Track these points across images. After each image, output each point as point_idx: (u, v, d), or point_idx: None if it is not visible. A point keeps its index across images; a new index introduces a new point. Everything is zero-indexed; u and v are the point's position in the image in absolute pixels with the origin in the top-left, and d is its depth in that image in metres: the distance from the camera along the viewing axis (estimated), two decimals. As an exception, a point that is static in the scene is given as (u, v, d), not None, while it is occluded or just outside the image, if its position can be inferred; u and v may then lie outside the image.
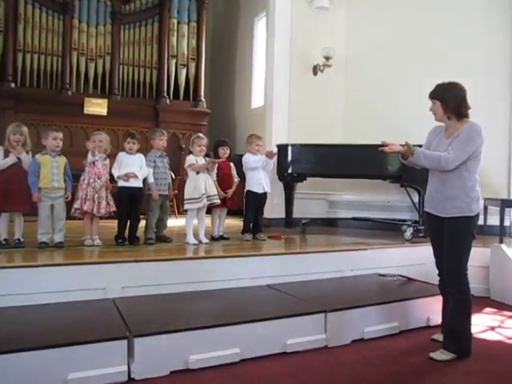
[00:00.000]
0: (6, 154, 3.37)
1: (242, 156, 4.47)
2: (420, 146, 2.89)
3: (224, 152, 4.30)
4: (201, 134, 4.22)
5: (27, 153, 3.47)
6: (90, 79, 7.09)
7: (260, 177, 4.28)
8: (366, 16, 6.01)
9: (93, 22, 7.11)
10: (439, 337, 2.86)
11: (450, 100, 2.67)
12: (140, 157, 3.86)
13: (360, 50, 6.00)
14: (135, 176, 3.70)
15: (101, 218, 3.69)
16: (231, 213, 4.58)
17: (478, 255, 3.53)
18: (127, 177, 3.66)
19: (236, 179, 4.36)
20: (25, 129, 3.48)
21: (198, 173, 3.93)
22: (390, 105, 5.70)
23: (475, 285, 3.10)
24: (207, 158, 4.10)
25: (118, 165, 3.73)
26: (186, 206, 3.95)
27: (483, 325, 3.32)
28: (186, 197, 3.94)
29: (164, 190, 3.97)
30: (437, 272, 2.86)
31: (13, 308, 2.64)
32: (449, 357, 2.61)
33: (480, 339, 2.98)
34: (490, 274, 4.14)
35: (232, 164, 4.39)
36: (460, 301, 2.65)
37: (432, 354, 2.65)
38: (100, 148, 3.67)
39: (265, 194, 4.34)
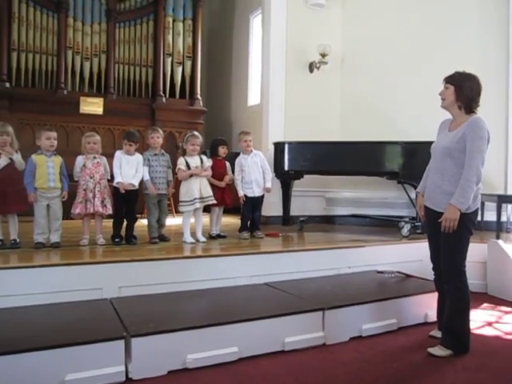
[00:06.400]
0: None
1: (238, 154, 4.46)
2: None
3: (224, 151, 4.33)
4: (196, 133, 4.18)
5: (16, 152, 3.43)
6: (85, 78, 7.03)
7: (250, 179, 4.26)
8: (361, 12, 5.99)
9: (87, 21, 7.05)
10: (437, 333, 2.86)
11: (467, 90, 2.58)
12: (137, 158, 3.82)
13: (356, 46, 5.99)
14: (132, 185, 3.69)
15: (102, 217, 3.68)
16: (229, 211, 4.55)
17: (475, 251, 3.54)
18: (124, 189, 3.65)
19: (229, 176, 4.32)
20: (10, 129, 3.42)
21: (190, 175, 3.92)
22: (386, 101, 5.70)
23: (473, 280, 3.10)
24: (203, 157, 4.08)
25: (118, 168, 3.69)
26: (180, 209, 4.01)
27: (481, 320, 3.32)
28: (180, 199, 3.97)
29: (161, 189, 3.93)
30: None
31: (9, 309, 2.63)
32: (447, 353, 2.61)
33: (478, 335, 2.99)
34: (487, 270, 4.15)
35: (228, 163, 4.37)
36: (457, 298, 2.63)
37: (430, 350, 2.65)
38: (93, 150, 3.66)
39: (258, 197, 4.31)
